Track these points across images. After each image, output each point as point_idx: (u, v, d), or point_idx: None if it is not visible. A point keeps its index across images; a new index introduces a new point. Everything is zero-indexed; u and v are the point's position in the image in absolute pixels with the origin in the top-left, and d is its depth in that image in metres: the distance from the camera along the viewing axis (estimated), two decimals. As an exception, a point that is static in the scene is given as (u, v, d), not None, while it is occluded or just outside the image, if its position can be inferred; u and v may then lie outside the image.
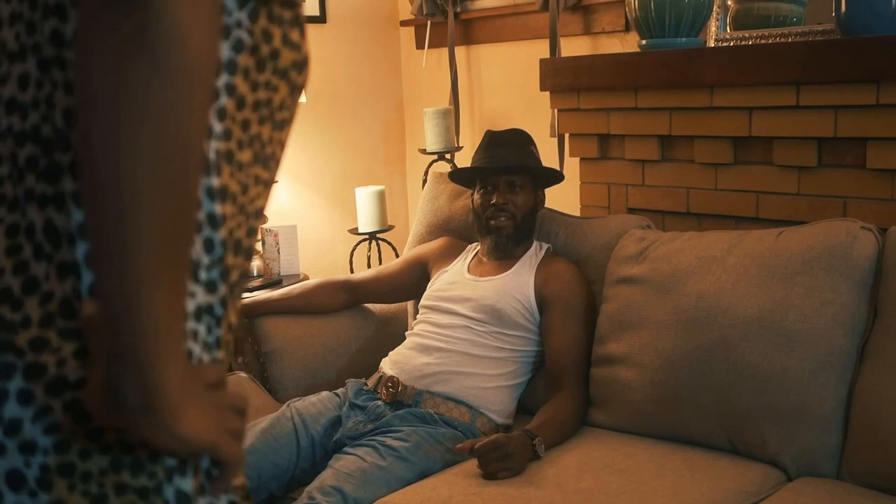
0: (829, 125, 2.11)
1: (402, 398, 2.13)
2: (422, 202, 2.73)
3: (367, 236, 3.35)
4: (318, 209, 3.67)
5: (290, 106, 0.84)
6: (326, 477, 1.90)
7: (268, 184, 0.85)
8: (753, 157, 2.31)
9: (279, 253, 3.24)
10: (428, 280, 2.42)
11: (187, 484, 0.77)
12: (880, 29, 2.03)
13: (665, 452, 1.96)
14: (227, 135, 0.77)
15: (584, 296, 2.24)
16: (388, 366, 2.24)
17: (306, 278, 3.10)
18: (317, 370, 2.44)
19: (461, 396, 2.13)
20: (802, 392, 1.85)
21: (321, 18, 3.60)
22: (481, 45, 3.44)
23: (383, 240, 3.41)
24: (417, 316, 2.37)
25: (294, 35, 0.82)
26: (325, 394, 2.22)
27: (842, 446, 1.84)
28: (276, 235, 3.27)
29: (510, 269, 2.29)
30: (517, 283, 2.25)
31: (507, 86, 3.37)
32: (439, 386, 2.13)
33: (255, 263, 3.17)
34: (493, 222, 2.29)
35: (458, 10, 3.41)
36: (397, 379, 2.15)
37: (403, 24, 3.77)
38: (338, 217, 3.67)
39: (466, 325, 2.22)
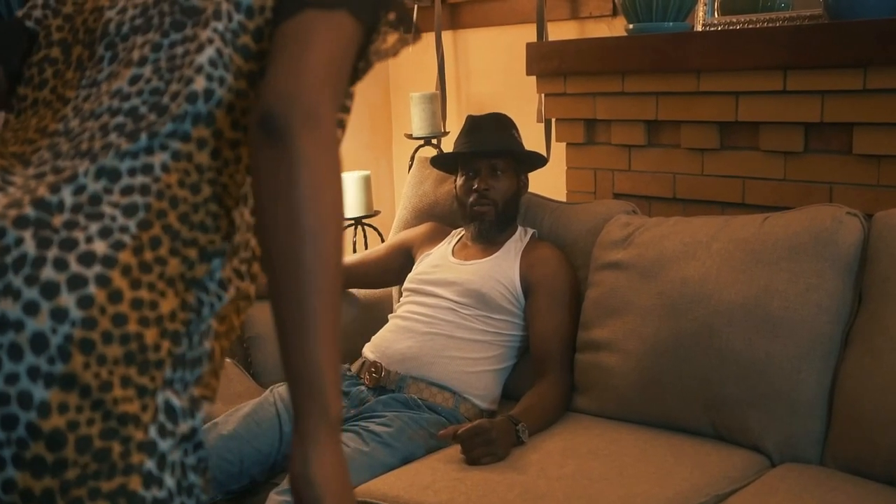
0: (815, 110, 2.10)
1: (385, 383, 2.11)
2: (407, 187, 2.72)
3: (352, 222, 3.33)
4: (304, 194, 3.64)
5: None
6: None
7: None
8: (740, 142, 2.30)
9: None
10: (412, 265, 2.41)
11: (175, 401, 0.91)
12: (867, 14, 2.03)
13: (649, 438, 1.96)
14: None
15: (570, 281, 2.23)
16: (370, 350, 2.23)
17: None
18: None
19: (444, 381, 2.11)
20: (786, 378, 1.84)
21: (307, 1, 3.57)
22: (468, 29, 3.42)
23: (369, 225, 3.39)
24: (401, 299, 2.36)
25: (339, 133, 1.02)
26: None
27: (825, 432, 1.84)
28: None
29: (495, 253, 2.28)
30: (502, 268, 2.24)
31: (493, 70, 3.35)
32: (422, 370, 2.12)
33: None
34: (476, 208, 2.27)
35: (445, -7, 3.39)
36: (380, 364, 2.14)
37: (390, 7, 3.74)
38: (323, 202, 3.65)
39: (450, 308, 2.21)
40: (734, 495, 1.75)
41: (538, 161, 2.38)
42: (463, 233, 2.38)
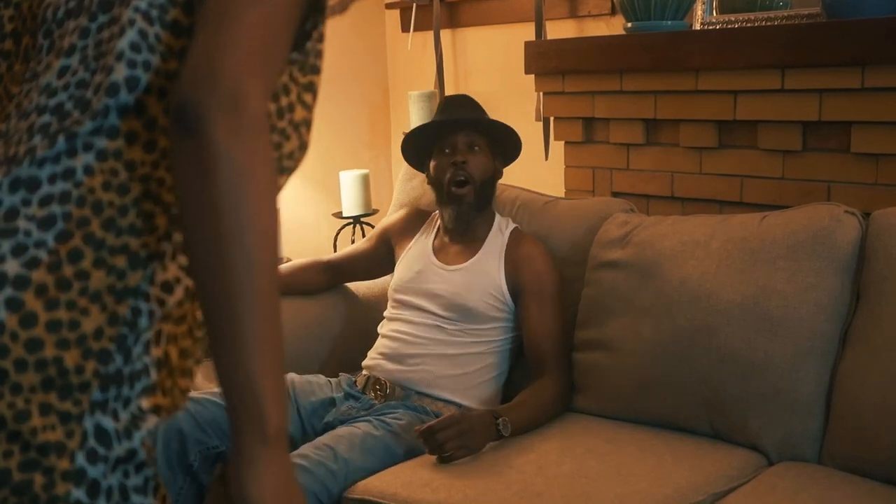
0: (813, 109, 2.10)
1: (391, 399, 2.13)
2: (398, 183, 2.73)
3: (351, 220, 3.33)
4: (302, 193, 3.64)
5: (297, 158, 0.94)
6: (320, 439, 1.93)
7: None
8: (738, 141, 2.30)
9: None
10: (394, 254, 2.38)
11: (108, 422, 0.84)
12: (865, 13, 2.03)
13: (647, 437, 1.96)
14: None
15: (556, 278, 2.19)
16: (369, 368, 2.22)
17: (289, 261, 3.08)
18: (299, 356, 2.42)
19: (448, 397, 2.12)
20: (785, 377, 1.85)
21: (305, 0, 3.57)
22: (467, 27, 3.42)
23: (367, 223, 3.39)
24: (388, 307, 2.31)
25: (307, 98, 0.94)
26: (321, 376, 2.23)
27: (823, 431, 1.84)
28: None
29: (477, 253, 2.23)
30: (487, 273, 2.19)
31: (492, 69, 3.35)
32: (425, 388, 2.13)
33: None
34: (454, 189, 2.20)
35: (444, -8, 3.39)
36: (384, 382, 2.15)
37: (389, 6, 3.74)
38: (322, 201, 3.65)
39: (437, 325, 2.17)
40: (732, 494, 1.75)
41: (513, 147, 2.32)
42: (440, 223, 2.32)
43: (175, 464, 1.94)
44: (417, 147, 2.35)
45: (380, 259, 2.44)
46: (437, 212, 2.34)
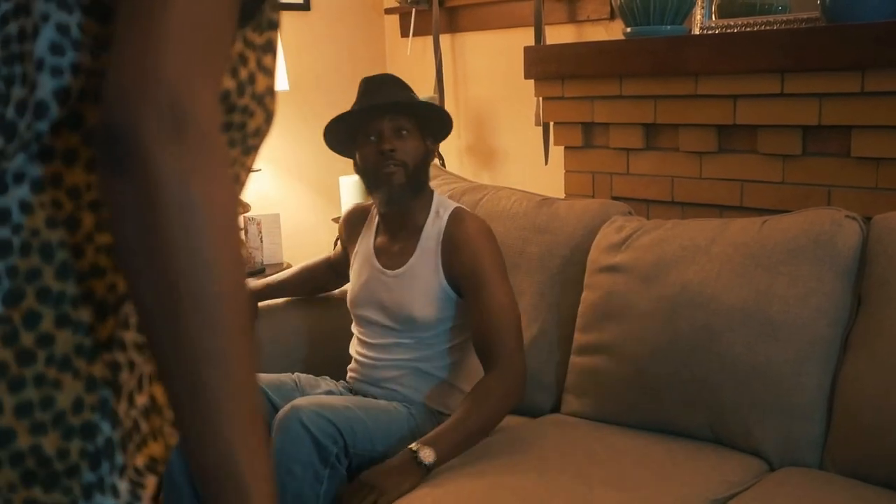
0: (813, 113, 2.10)
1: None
2: None
3: (350, 225, 3.32)
4: (302, 197, 3.64)
5: (263, 133, 0.81)
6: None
7: None
8: (738, 145, 2.30)
9: (262, 241, 3.22)
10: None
11: (109, 501, 0.72)
12: (865, 16, 2.02)
13: (647, 443, 1.95)
14: None
15: (491, 259, 2.04)
16: (353, 388, 2.19)
17: (289, 267, 3.08)
18: (305, 360, 2.42)
19: (439, 408, 2.09)
20: (786, 382, 1.84)
21: (305, 6, 3.57)
22: (466, 32, 3.42)
23: (367, 229, 3.38)
24: (352, 323, 2.24)
25: (267, 61, 0.79)
26: (327, 378, 2.23)
27: (825, 436, 1.84)
28: (259, 224, 3.24)
29: (415, 250, 2.09)
30: (425, 276, 2.07)
31: (491, 74, 3.35)
32: (416, 401, 2.09)
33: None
34: (384, 171, 2.04)
35: (443, -3, 3.39)
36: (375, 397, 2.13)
37: (388, 11, 3.74)
38: (321, 205, 3.65)
39: (396, 342, 2.10)
40: (733, 500, 1.74)
41: (443, 124, 2.16)
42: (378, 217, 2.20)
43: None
44: (340, 133, 2.16)
45: (344, 269, 2.34)
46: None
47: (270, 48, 0.79)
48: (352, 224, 2.29)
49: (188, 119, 0.62)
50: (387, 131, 2.06)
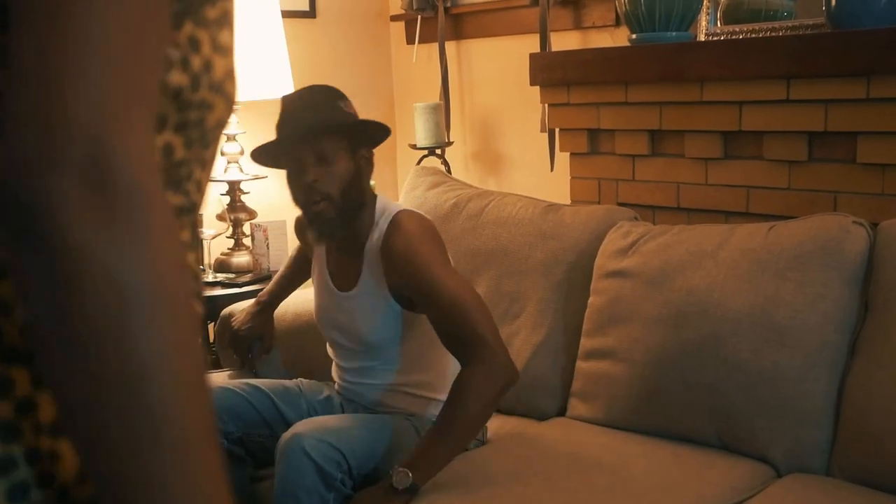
0: (819, 119, 2.10)
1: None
2: (403, 194, 2.75)
3: (356, 232, 3.33)
4: (308, 205, 3.64)
5: (224, 122, 0.68)
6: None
7: (186, 210, 0.66)
8: (744, 151, 2.30)
9: (268, 248, 3.22)
10: None
11: None
12: (870, 22, 2.02)
13: (654, 448, 1.95)
14: None
15: (427, 256, 1.89)
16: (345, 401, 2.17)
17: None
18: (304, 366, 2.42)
19: (421, 415, 2.03)
20: (793, 387, 1.84)
21: (311, 13, 3.58)
22: (471, 39, 3.43)
23: (373, 235, 3.39)
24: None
25: (223, 37, 0.66)
26: (329, 383, 2.22)
27: (832, 442, 1.84)
28: (265, 231, 3.25)
29: (362, 270, 1.98)
30: (376, 293, 1.96)
31: (497, 80, 3.35)
32: (405, 411, 2.04)
33: (245, 259, 3.16)
34: (310, 209, 1.91)
35: (449, 4, 3.39)
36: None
37: (393, 18, 3.75)
38: (328, 213, 3.65)
39: (364, 365, 2.04)
40: (741, 506, 1.74)
41: (375, 133, 1.99)
42: None
43: None
44: (267, 159, 2.01)
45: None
46: None
47: (226, 21, 0.65)
48: (305, 235, 2.17)
49: (113, 175, 0.48)
50: (307, 159, 1.88)
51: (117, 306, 0.48)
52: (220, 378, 2.32)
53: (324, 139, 1.88)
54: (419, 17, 3.52)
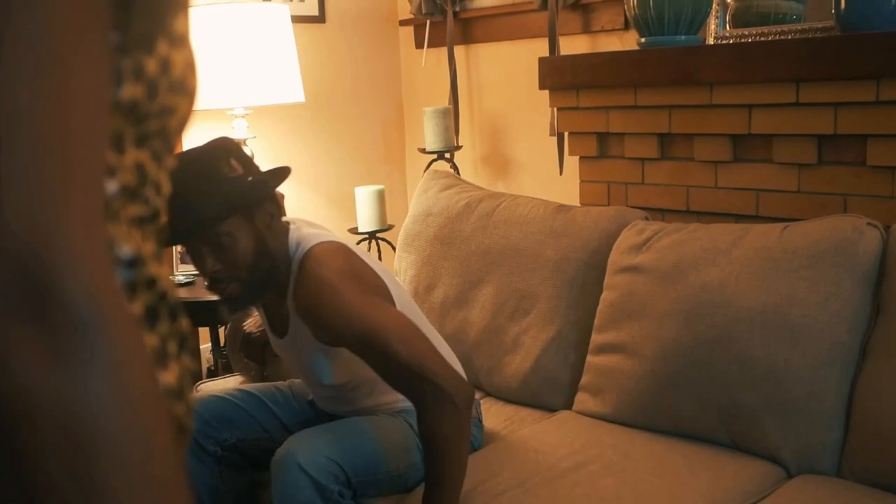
0: (828, 122, 2.10)
1: None
2: (413, 199, 2.76)
3: (366, 236, 3.34)
4: (318, 208, 3.66)
5: (188, 118, 0.62)
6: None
7: (147, 219, 0.60)
8: (753, 154, 2.30)
9: (278, 253, 3.24)
10: None
11: None
12: (880, 25, 2.03)
13: (664, 449, 1.95)
14: None
15: (345, 296, 1.75)
16: None
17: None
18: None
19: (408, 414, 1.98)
20: (804, 386, 1.84)
21: (320, 18, 3.59)
22: (480, 44, 3.44)
23: (383, 239, 3.40)
24: None
25: (180, 25, 0.57)
26: None
27: (843, 443, 1.83)
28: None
29: (289, 310, 1.88)
30: (309, 338, 1.84)
31: (506, 85, 3.36)
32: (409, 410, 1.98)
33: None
34: (220, 295, 1.80)
35: (457, 9, 3.41)
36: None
37: (402, 23, 3.76)
38: (337, 216, 3.67)
39: (333, 398, 2.01)
40: (752, 508, 1.74)
41: (274, 182, 1.84)
42: None
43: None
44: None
45: None
46: None
47: (181, 4, 0.57)
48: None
49: (55, 294, 0.41)
50: (202, 250, 1.74)
51: (79, 449, 0.41)
52: (213, 387, 2.34)
53: (211, 228, 1.71)
54: (428, 21, 3.53)
